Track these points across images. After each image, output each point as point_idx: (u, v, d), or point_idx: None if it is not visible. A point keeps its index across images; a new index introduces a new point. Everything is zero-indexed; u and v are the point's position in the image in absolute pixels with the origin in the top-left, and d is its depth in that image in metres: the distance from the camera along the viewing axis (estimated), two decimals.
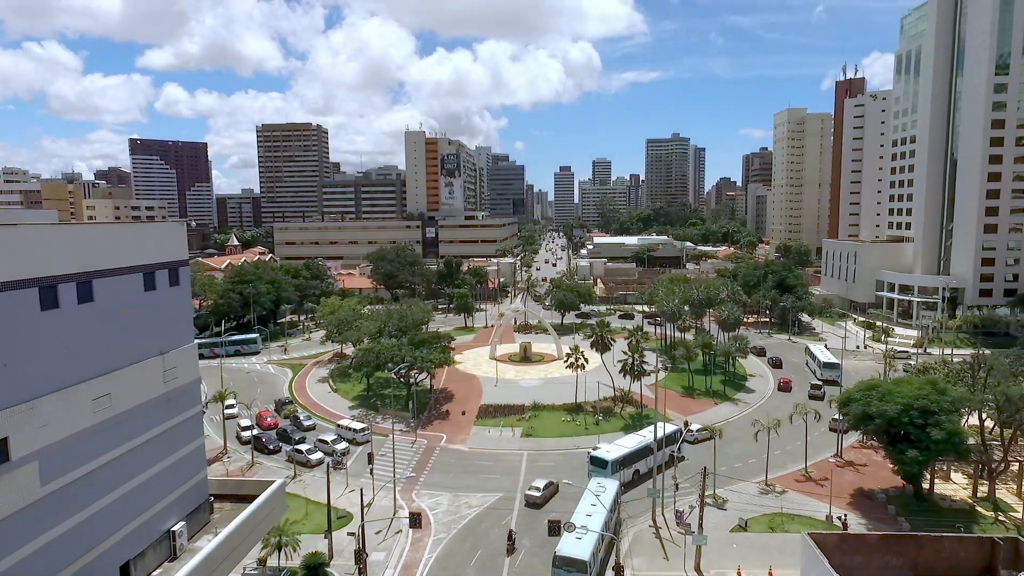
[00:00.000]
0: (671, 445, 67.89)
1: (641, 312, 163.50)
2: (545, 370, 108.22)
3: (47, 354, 29.70)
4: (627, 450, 65.13)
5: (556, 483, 64.12)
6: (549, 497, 62.68)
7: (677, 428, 73.44)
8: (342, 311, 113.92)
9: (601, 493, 54.96)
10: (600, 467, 62.68)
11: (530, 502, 61.49)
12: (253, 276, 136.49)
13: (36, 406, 28.74)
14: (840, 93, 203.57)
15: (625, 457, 64.42)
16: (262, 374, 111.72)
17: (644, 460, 65.73)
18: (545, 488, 62.54)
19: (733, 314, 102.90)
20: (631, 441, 67.84)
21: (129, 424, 35.13)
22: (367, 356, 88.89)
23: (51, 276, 29.88)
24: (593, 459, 64.20)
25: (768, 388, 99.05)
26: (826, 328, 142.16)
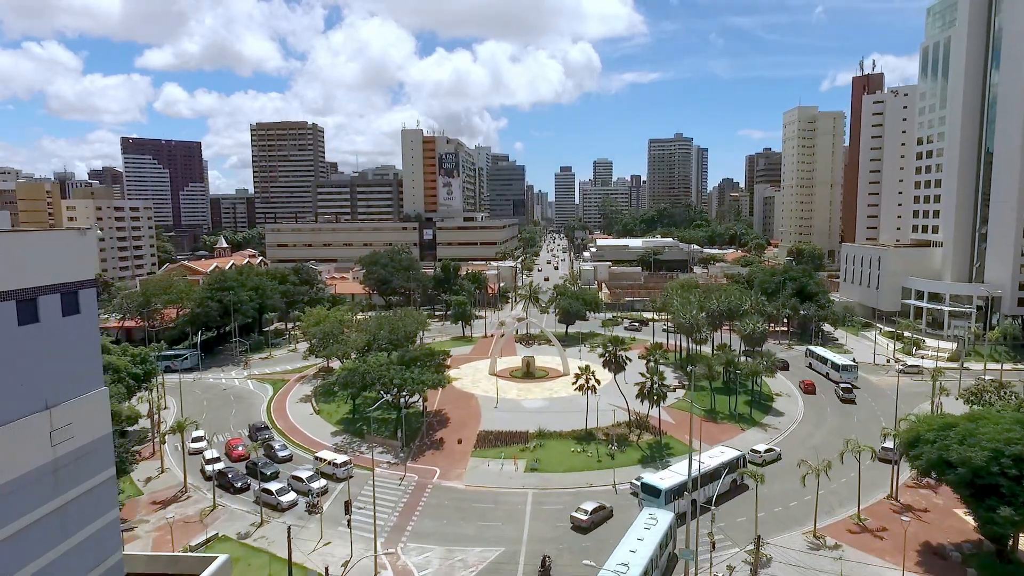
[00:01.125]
0: (731, 472, 62.65)
1: (651, 320, 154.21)
2: (550, 388, 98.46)
3: None
4: (683, 477, 57.32)
5: (609, 507, 58.86)
6: (599, 522, 57.25)
7: (739, 453, 65.98)
8: (328, 322, 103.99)
9: (652, 526, 48.89)
10: (652, 496, 56.66)
11: (576, 525, 56.70)
12: (234, 282, 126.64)
13: None
14: (857, 89, 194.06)
15: (681, 485, 56.62)
16: (239, 392, 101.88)
17: (702, 489, 57.83)
18: (594, 512, 57.18)
19: (758, 328, 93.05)
20: (687, 468, 58.93)
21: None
22: (351, 377, 79.03)
23: None
24: (644, 487, 58.14)
25: (798, 410, 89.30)
26: (850, 339, 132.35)
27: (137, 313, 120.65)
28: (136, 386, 79.23)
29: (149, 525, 58.25)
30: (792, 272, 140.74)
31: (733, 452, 65.79)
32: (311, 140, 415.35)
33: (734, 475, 62.97)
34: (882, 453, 69.78)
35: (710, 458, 62.73)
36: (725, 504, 60.72)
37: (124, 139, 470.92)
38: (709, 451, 65.73)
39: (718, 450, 66.45)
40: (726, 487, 61.52)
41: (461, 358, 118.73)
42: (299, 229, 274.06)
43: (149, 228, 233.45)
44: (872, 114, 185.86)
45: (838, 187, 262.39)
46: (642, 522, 50.38)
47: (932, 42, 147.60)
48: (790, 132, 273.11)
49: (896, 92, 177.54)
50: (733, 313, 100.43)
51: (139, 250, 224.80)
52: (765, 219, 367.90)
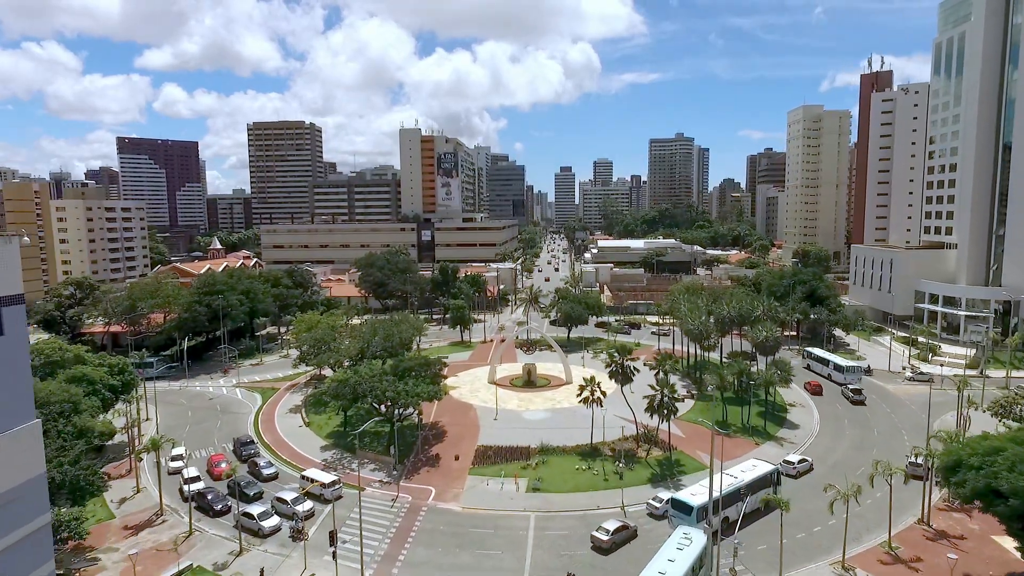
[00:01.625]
0: (765, 487, 59.54)
1: (655, 324, 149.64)
2: (552, 398, 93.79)
3: None
4: (716, 493, 53.58)
5: (633, 527, 55.52)
6: (621, 543, 53.90)
7: (773, 467, 62.75)
8: (319, 328, 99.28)
9: (685, 547, 45.58)
10: (684, 513, 54.29)
11: (596, 545, 53.61)
12: (224, 286, 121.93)
13: None
14: (866, 87, 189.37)
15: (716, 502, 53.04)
16: (227, 401, 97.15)
17: (735, 505, 56.06)
18: (616, 532, 53.89)
19: (771, 335, 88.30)
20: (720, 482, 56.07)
21: None
22: (341, 389, 74.35)
23: None
24: (675, 503, 55.73)
25: (814, 422, 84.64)
26: (863, 345, 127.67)
27: (123, 318, 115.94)
28: (113, 398, 74.62)
29: (118, 554, 53.59)
30: (802, 275, 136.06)
31: (766, 465, 62.61)
32: (309, 140, 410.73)
33: (768, 490, 59.43)
34: (910, 470, 66.11)
35: (742, 472, 60.04)
36: (752, 525, 56.40)
37: (120, 139, 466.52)
38: (740, 464, 62.77)
39: (750, 463, 63.04)
40: (759, 503, 57.87)
41: (459, 365, 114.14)
42: (295, 230, 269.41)
43: (141, 229, 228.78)
44: (881, 112, 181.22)
45: (844, 187, 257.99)
46: (675, 542, 47.01)
47: (945, 38, 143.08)
48: (795, 131, 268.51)
49: (906, 90, 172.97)
50: (744, 319, 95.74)
51: (131, 251, 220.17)
52: (768, 220, 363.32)
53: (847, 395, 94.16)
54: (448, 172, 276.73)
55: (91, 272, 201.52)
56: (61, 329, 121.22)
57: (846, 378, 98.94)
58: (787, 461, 68.82)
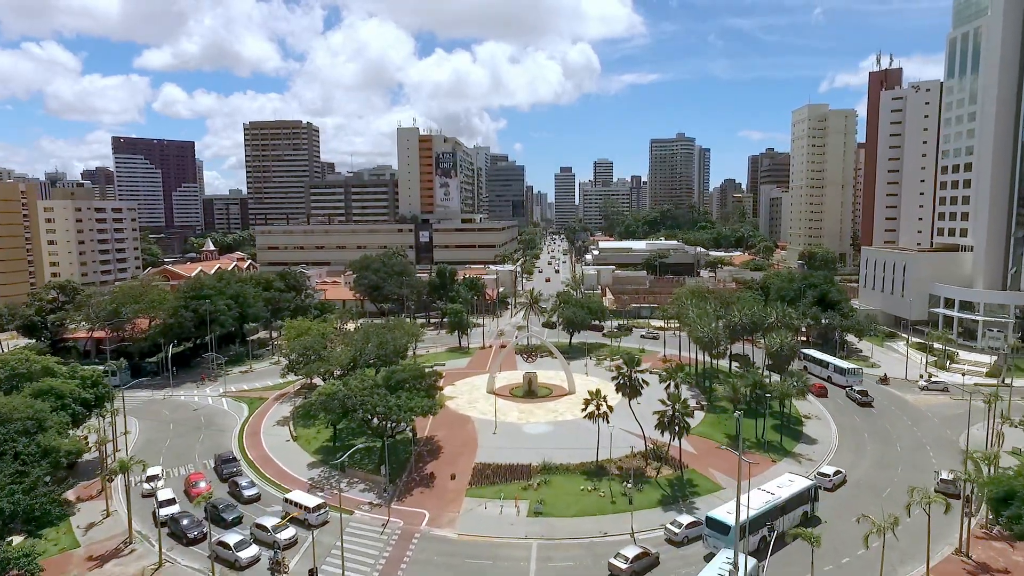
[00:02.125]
0: (803, 504, 57.02)
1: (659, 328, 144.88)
2: (555, 409, 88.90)
3: None
4: (754, 511, 51.82)
5: (654, 554, 51.57)
6: (642, 572, 50.06)
7: (811, 482, 60.01)
8: (309, 336, 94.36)
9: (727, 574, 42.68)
10: (721, 533, 51.28)
11: (614, 573, 49.87)
12: (212, 290, 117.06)
13: None
14: (874, 85, 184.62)
15: (752, 521, 50.99)
16: (211, 412, 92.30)
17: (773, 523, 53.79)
18: (636, 559, 50.05)
19: (786, 343, 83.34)
20: (756, 500, 53.83)
21: None
22: (330, 402, 69.51)
23: None
24: (711, 522, 52.75)
25: (832, 436, 79.81)
26: (876, 351, 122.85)
27: (105, 323, 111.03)
28: (86, 413, 69.80)
29: None
30: (812, 278, 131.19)
31: (804, 480, 59.83)
32: (306, 139, 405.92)
33: (805, 507, 57.16)
34: (941, 487, 62.33)
35: (779, 488, 57.16)
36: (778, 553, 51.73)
37: (115, 139, 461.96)
38: (776, 480, 59.80)
39: (786, 478, 60.00)
40: (796, 520, 55.90)
41: (457, 373, 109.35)
42: (290, 231, 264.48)
43: (133, 230, 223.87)
44: (891, 111, 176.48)
45: (849, 188, 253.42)
46: (716, 568, 44.35)
47: (960, 33, 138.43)
48: (799, 131, 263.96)
49: (917, 87, 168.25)
50: (757, 326, 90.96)
51: (122, 253, 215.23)
52: (771, 221, 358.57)
53: (853, 397, 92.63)
54: (446, 172, 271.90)
55: (80, 274, 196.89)
56: (43, 335, 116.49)
57: (848, 380, 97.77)
58: (822, 473, 66.11)
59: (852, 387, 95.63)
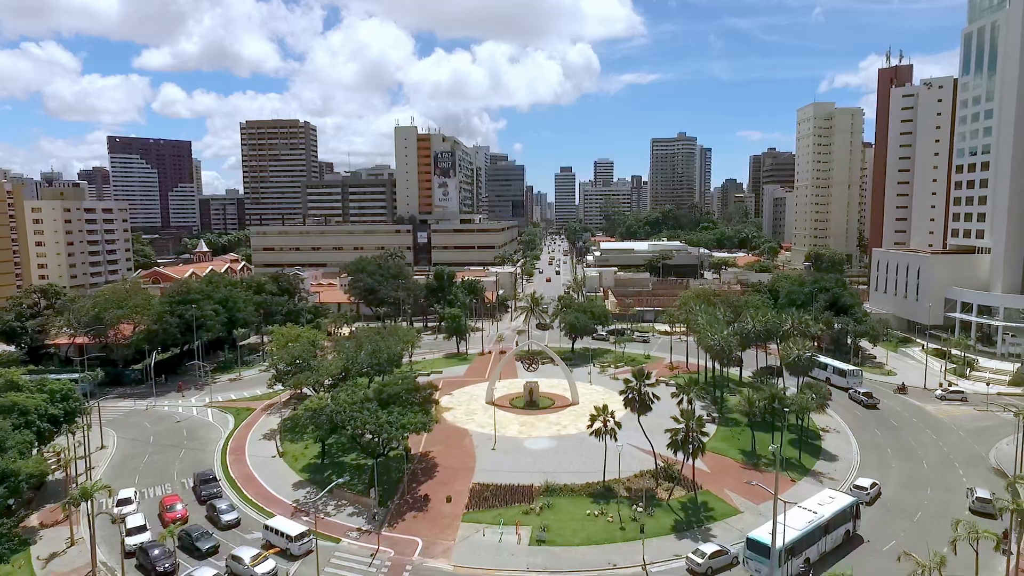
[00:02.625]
0: (845, 522, 54.28)
1: (664, 333, 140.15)
2: (557, 422, 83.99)
3: None
4: (798, 532, 49.95)
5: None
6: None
7: (853, 499, 56.53)
8: (298, 344, 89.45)
9: None
10: (764, 556, 47.75)
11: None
12: (199, 294, 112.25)
13: None
14: (884, 82, 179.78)
15: (796, 542, 49.31)
16: (195, 424, 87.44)
17: (816, 544, 51.34)
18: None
19: (804, 353, 78.40)
20: (799, 520, 51.64)
21: None
22: (317, 417, 64.68)
23: None
24: (752, 544, 49.56)
25: (853, 453, 74.98)
26: (891, 358, 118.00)
27: (87, 329, 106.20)
28: (53, 430, 64.96)
29: None
30: (823, 281, 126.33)
31: (845, 497, 56.62)
32: (303, 139, 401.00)
33: (847, 525, 54.45)
34: (977, 506, 58.92)
35: (820, 505, 54.16)
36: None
37: (110, 138, 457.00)
38: (817, 496, 56.67)
39: (826, 495, 56.71)
40: (839, 540, 53.48)
41: (454, 381, 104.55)
42: (286, 232, 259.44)
43: (124, 231, 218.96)
44: (901, 108, 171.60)
45: (856, 187, 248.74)
46: None
47: (976, 27, 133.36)
48: (804, 130, 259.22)
49: (929, 84, 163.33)
50: (771, 334, 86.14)
51: (113, 254, 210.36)
52: (775, 221, 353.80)
53: (858, 399, 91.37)
54: (445, 172, 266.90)
55: (70, 276, 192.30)
56: (22, 341, 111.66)
57: (848, 382, 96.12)
58: (857, 486, 63.28)
59: (855, 389, 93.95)
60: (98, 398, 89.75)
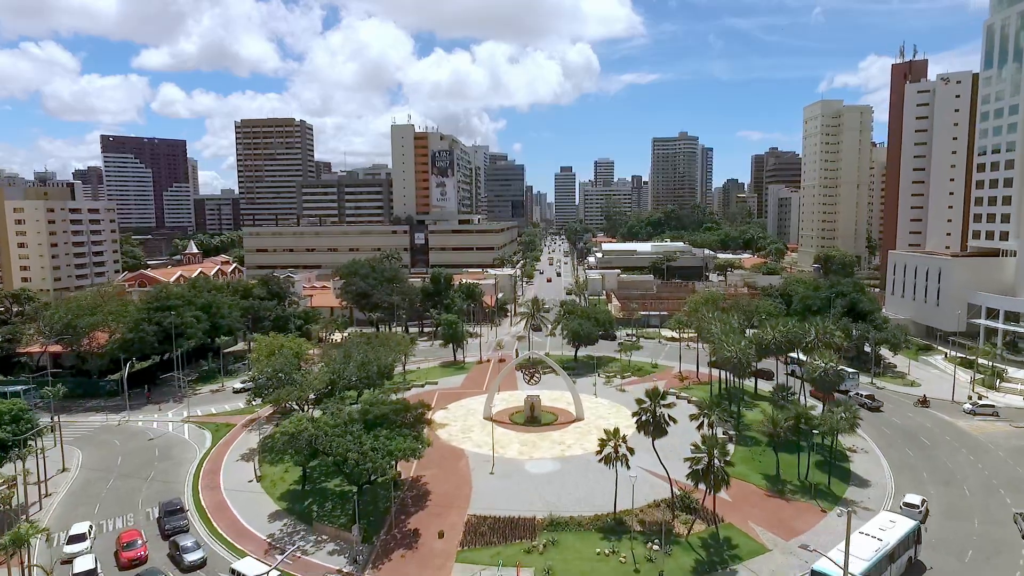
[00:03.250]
0: (908, 549, 50.58)
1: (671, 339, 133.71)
2: (561, 440, 77.39)
3: None
4: (867, 562, 45.49)
5: None
6: None
7: (914, 523, 52.35)
8: (281, 355, 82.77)
9: None
10: None
11: None
12: (180, 300, 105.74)
13: None
14: (897, 78, 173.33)
15: (867, 573, 44.96)
16: (169, 442, 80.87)
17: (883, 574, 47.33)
18: None
19: (832, 367, 71.67)
20: (865, 548, 46.97)
21: None
22: (296, 441, 58.12)
23: None
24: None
25: (885, 477, 68.44)
26: (913, 367, 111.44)
27: (58, 337, 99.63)
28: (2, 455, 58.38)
29: None
30: (840, 286, 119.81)
31: (907, 521, 52.29)
32: (299, 138, 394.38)
33: (911, 551, 50.91)
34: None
35: (882, 531, 49.88)
36: None
37: (104, 137, 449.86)
38: (875, 520, 52.29)
39: (886, 519, 52.44)
40: (902, 568, 49.81)
41: (451, 393, 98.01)
42: (279, 232, 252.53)
43: (112, 232, 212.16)
44: (916, 105, 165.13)
45: (865, 187, 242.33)
46: None
47: (999, 18, 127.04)
48: (811, 128, 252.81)
49: (947, 79, 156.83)
50: (793, 344, 79.60)
51: (100, 256, 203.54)
52: (780, 222, 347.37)
53: (862, 403, 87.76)
54: (443, 171, 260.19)
55: (53, 279, 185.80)
56: None
57: (847, 384, 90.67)
58: (908, 504, 58.94)
59: (856, 392, 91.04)
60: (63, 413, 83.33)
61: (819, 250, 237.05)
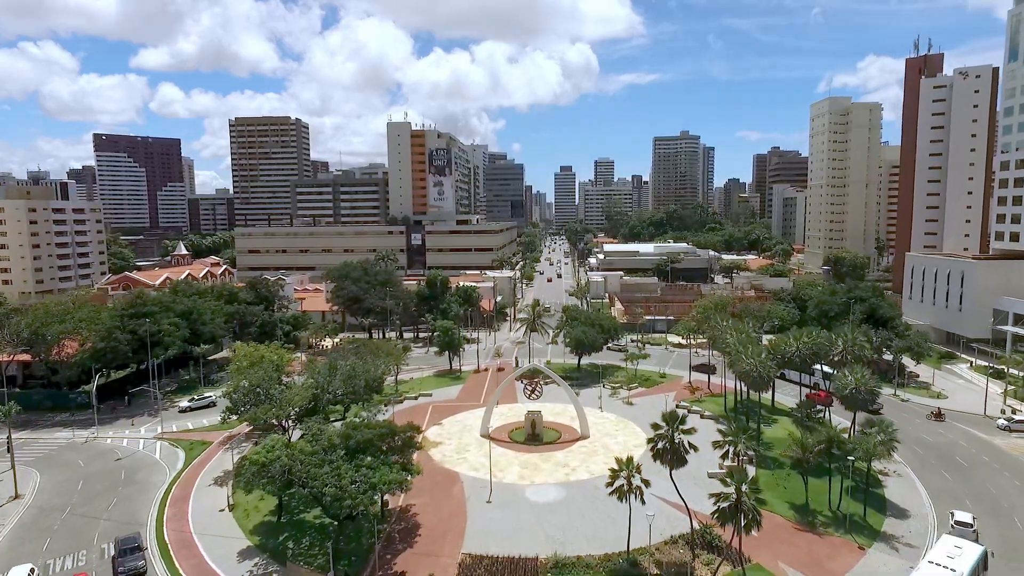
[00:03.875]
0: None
1: (678, 345, 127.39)
2: (566, 462, 70.74)
3: None
4: None
5: None
6: None
7: (983, 548, 48.52)
8: (259, 369, 76.00)
9: None
10: None
11: None
12: (157, 306, 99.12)
13: None
14: (912, 73, 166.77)
15: None
16: (138, 462, 74.25)
17: None
18: None
19: (865, 384, 64.85)
20: None
21: None
22: (267, 471, 51.50)
23: None
24: None
25: (924, 505, 61.83)
26: (938, 377, 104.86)
27: (24, 346, 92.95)
28: None
29: None
30: (859, 290, 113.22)
31: (974, 547, 48.16)
32: (295, 137, 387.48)
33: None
34: None
35: (951, 559, 46.09)
36: None
37: (96, 135, 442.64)
38: (939, 546, 48.34)
39: (951, 545, 48.17)
40: None
41: (446, 407, 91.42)
42: (272, 233, 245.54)
43: (98, 232, 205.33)
44: (932, 100, 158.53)
45: (875, 186, 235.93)
46: None
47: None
48: (819, 125, 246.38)
49: (965, 73, 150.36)
50: (818, 357, 73.00)
51: (85, 258, 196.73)
52: (785, 222, 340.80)
53: None
54: (440, 170, 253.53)
55: (35, 282, 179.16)
56: None
57: None
58: (960, 523, 54.67)
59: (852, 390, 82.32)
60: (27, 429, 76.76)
61: (827, 251, 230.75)
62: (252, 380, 71.39)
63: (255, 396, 70.45)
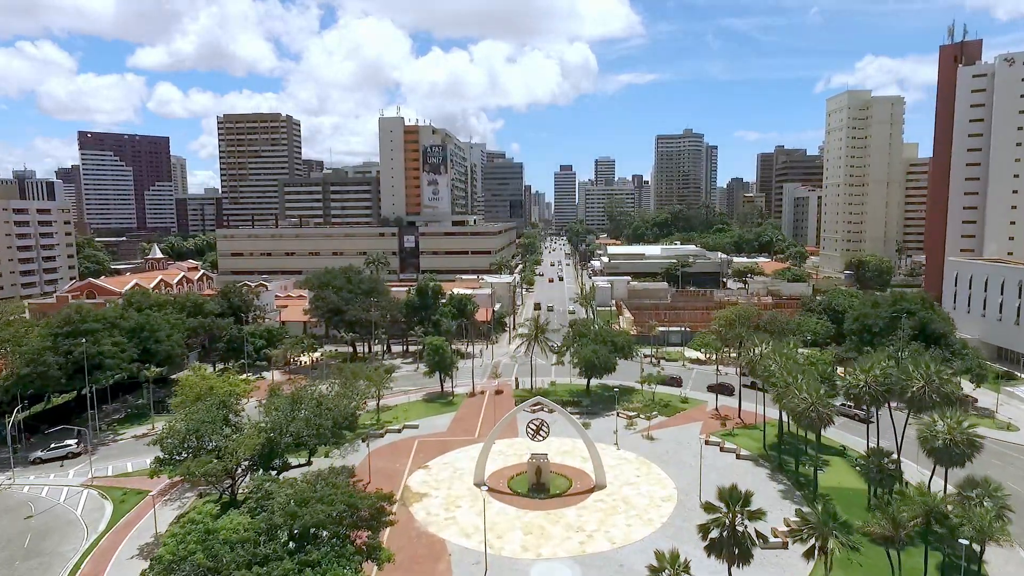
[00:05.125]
0: None
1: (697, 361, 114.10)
2: (579, 525, 56.88)
3: None
4: None
5: None
6: None
7: None
8: (204, 406, 61.96)
9: None
10: None
11: None
12: (99, 324, 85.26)
13: None
14: (946, 61, 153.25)
15: None
16: (52, 520, 60.32)
17: None
18: None
19: (961, 431, 50.65)
20: None
21: None
22: (180, 570, 37.65)
23: None
24: None
25: None
26: (1003, 404, 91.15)
27: None
28: None
29: None
30: (907, 302, 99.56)
31: None
32: (285, 134, 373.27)
33: None
34: None
35: None
36: None
37: (81, 133, 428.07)
38: None
39: None
40: None
41: (433, 443, 77.58)
42: (255, 235, 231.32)
43: (67, 234, 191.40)
44: (971, 91, 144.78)
45: (896, 186, 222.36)
46: None
47: None
48: (836, 121, 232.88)
49: (1011, 60, 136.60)
50: (891, 393, 59.33)
51: (51, 262, 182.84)
52: (796, 223, 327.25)
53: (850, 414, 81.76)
54: (435, 168, 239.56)
55: None
56: None
57: None
58: None
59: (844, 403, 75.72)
60: None
61: (844, 254, 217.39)
62: (189, 422, 57.42)
63: (193, 442, 56.56)
